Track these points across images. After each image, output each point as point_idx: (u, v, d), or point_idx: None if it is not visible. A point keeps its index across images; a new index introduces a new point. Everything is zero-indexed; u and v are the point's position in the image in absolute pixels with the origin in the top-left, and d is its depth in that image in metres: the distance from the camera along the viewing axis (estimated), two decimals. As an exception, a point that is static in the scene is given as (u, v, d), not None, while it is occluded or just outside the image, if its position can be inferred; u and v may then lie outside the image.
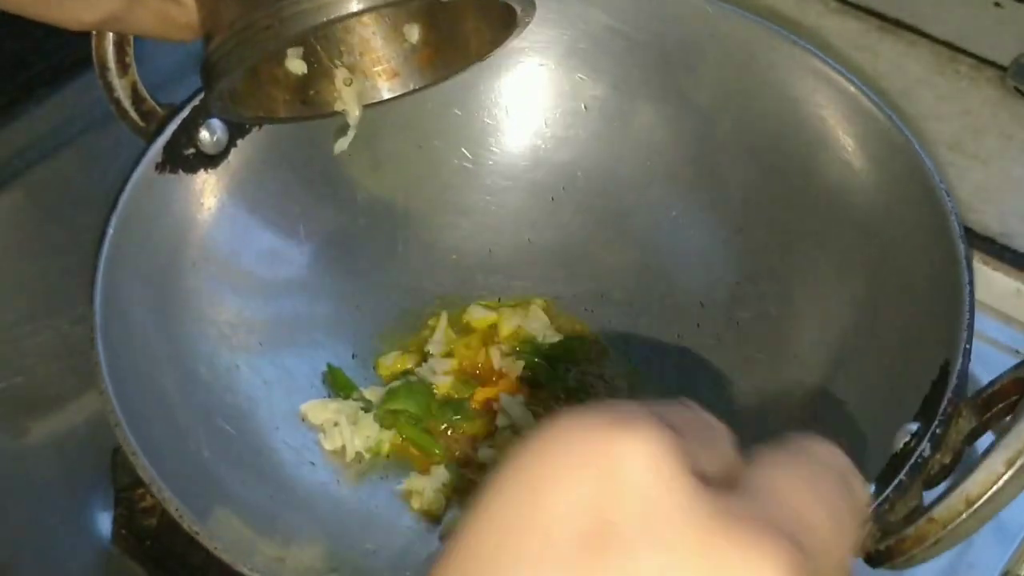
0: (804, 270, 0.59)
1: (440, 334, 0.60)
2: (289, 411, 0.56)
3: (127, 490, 0.54)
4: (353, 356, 0.60)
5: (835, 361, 0.56)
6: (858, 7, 0.77)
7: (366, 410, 0.57)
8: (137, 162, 0.54)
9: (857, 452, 0.50)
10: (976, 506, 0.40)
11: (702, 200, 0.63)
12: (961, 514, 0.40)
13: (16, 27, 0.46)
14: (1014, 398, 0.44)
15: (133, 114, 0.54)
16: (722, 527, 0.23)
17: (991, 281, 0.66)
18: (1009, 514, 0.58)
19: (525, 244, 0.64)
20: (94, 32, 0.52)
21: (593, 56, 0.64)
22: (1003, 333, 0.66)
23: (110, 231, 0.52)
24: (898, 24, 0.75)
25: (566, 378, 0.59)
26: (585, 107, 0.64)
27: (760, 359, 0.58)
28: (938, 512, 0.40)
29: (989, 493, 0.40)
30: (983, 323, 0.65)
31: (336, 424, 0.56)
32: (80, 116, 0.66)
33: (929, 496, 0.44)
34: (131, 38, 0.53)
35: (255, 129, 0.59)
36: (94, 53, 0.53)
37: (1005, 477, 0.39)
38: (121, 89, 0.54)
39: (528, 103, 0.65)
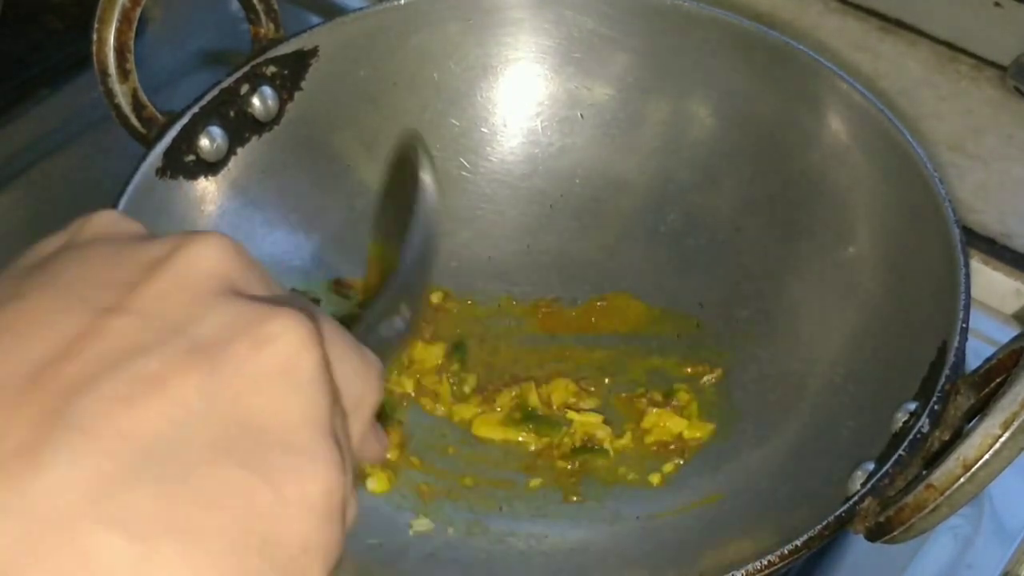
0: (802, 267, 0.60)
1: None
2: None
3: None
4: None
5: (834, 353, 0.56)
6: (858, 7, 0.77)
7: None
8: (138, 166, 0.54)
9: (858, 436, 0.50)
10: (974, 470, 0.40)
11: (700, 202, 0.63)
12: (959, 479, 0.40)
13: (16, 27, 0.46)
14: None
15: (134, 120, 0.55)
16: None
17: (991, 281, 0.66)
18: (1009, 514, 0.58)
19: (524, 250, 0.64)
20: (95, 37, 0.53)
21: (588, 64, 0.64)
22: (1003, 333, 0.65)
23: (111, 234, 0.52)
24: (898, 24, 0.76)
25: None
26: (581, 115, 0.65)
27: (761, 355, 0.59)
28: (936, 478, 0.40)
29: (986, 456, 0.39)
30: (983, 323, 0.65)
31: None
32: (80, 116, 0.66)
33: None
34: (132, 44, 0.54)
35: (255, 138, 0.59)
36: (95, 58, 0.54)
37: (1002, 439, 0.39)
38: (122, 95, 0.55)
39: (525, 112, 0.65)
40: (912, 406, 0.47)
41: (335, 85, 0.61)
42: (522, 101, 0.65)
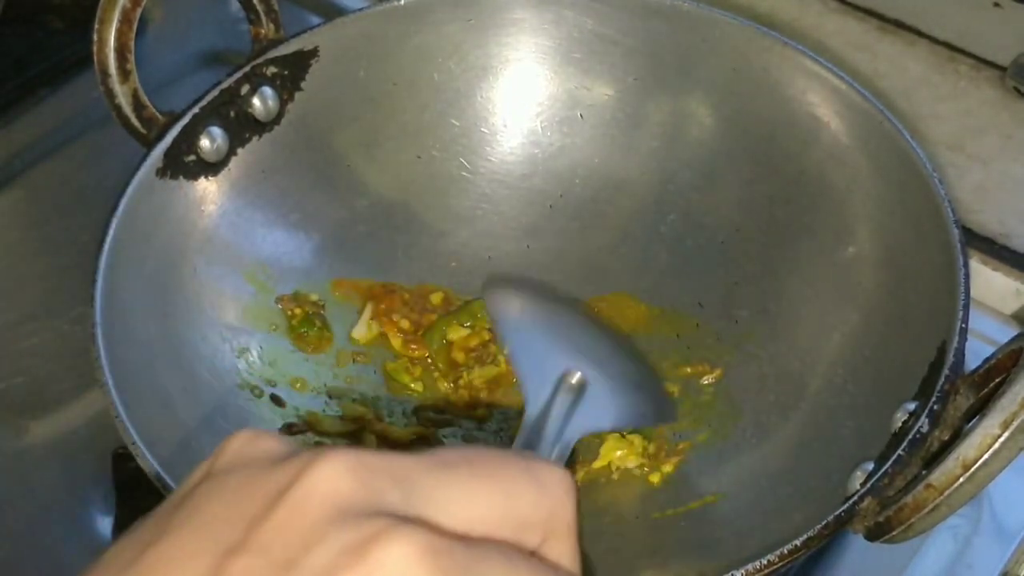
0: (802, 267, 0.59)
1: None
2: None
3: (128, 491, 0.54)
4: (354, 362, 0.60)
5: (834, 353, 0.56)
6: (858, 7, 0.77)
7: (367, 412, 0.57)
8: (138, 166, 0.54)
9: (858, 436, 0.50)
10: (973, 469, 0.40)
11: (699, 202, 0.63)
12: (958, 479, 0.40)
13: (16, 27, 0.46)
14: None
15: (134, 120, 0.55)
16: None
17: (991, 281, 0.66)
18: (1009, 514, 0.58)
19: (524, 250, 0.64)
20: (95, 37, 0.53)
21: (588, 64, 0.65)
22: (1003, 333, 0.65)
23: (111, 234, 0.52)
24: (898, 24, 0.76)
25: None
26: (581, 115, 0.65)
27: (761, 355, 0.59)
28: (935, 478, 0.40)
29: (986, 456, 0.39)
30: (983, 323, 0.65)
31: (337, 426, 0.56)
32: (80, 116, 0.66)
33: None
34: (132, 44, 0.54)
35: (255, 138, 0.59)
36: (95, 59, 0.54)
37: (1001, 439, 0.39)
38: (122, 95, 0.55)
39: (524, 113, 0.65)
40: (912, 406, 0.47)
41: (335, 85, 0.61)
42: (522, 101, 0.65)
